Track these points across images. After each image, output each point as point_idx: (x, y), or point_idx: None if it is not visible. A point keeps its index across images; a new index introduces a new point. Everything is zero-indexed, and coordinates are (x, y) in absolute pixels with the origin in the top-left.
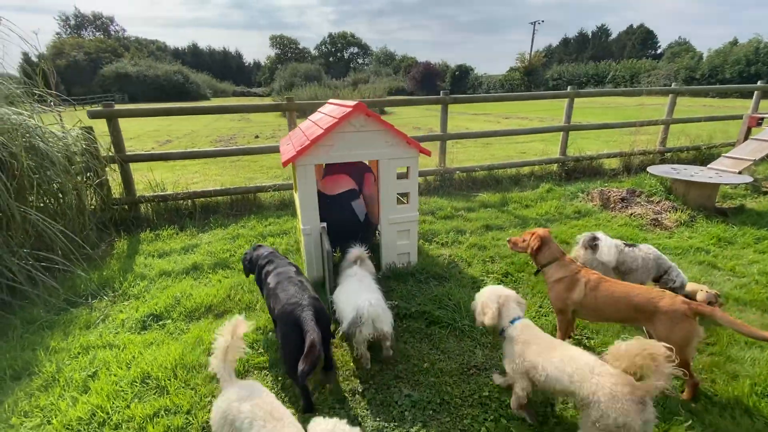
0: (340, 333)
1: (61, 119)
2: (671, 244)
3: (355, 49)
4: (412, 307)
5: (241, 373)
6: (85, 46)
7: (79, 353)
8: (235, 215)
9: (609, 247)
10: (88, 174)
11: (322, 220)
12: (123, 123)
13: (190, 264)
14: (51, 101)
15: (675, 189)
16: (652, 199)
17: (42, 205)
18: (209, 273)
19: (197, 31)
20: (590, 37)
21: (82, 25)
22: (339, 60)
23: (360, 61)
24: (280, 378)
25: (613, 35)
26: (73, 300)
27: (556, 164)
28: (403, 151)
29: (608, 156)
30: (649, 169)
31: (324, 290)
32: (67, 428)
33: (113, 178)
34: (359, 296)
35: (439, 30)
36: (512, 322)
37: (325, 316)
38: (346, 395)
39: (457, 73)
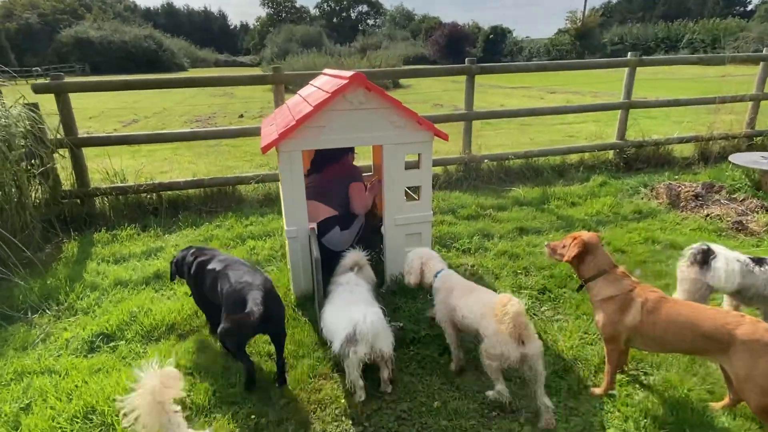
0: (331, 356)
1: (0, 95)
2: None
3: (365, 8)
4: (422, 330)
5: (208, 408)
6: (40, 7)
7: (11, 380)
8: (210, 212)
9: (729, 264)
10: (32, 161)
11: None
12: (79, 99)
13: (152, 272)
14: None
15: (765, 183)
16: (734, 196)
17: None
18: (174, 283)
19: None
20: None
21: None
22: (344, 21)
23: (371, 22)
24: (261, 411)
25: None
26: (9, 314)
27: (612, 151)
28: (413, 134)
29: (680, 141)
30: (732, 157)
31: (314, 306)
32: None
33: (63, 165)
34: (353, 309)
35: None
36: (436, 275)
37: (279, 304)
38: None
39: (491, 36)
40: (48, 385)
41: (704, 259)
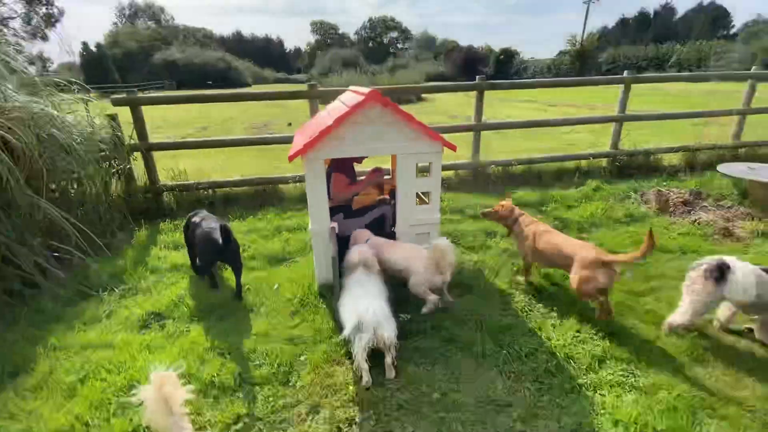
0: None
1: (87, 107)
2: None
3: (395, 34)
4: (427, 321)
5: (233, 389)
6: (138, 35)
7: (75, 353)
8: (254, 207)
9: (746, 277)
10: (112, 162)
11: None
12: (166, 110)
13: None
14: (76, 89)
15: (752, 192)
16: (721, 203)
17: (57, 194)
18: (219, 269)
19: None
20: (652, 16)
21: (135, 15)
22: (378, 45)
23: (400, 45)
24: (279, 393)
25: (680, 13)
26: (85, 292)
27: (606, 159)
28: (424, 145)
29: (668, 150)
30: (721, 167)
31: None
32: None
33: (137, 166)
34: (360, 302)
35: (483, 12)
36: (367, 241)
37: (234, 242)
38: (341, 425)
39: (501, 57)
40: (104, 359)
41: (720, 274)
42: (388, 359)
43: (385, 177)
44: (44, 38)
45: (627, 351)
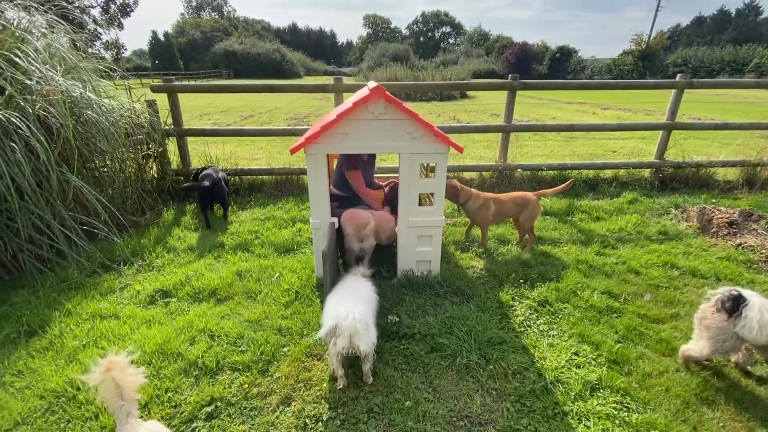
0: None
1: (130, 93)
2: None
3: (448, 29)
4: (417, 326)
5: (214, 371)
6: (202, 26)
7: (85, 319)
8: (277, 196)
9: (764, 315)
10: (149, 145)
11: None
12: (216, 98)
13: (218, 242)
14: (117, 74)
15: None
16: None
17: (91, 173)
18: (229, 254)
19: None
20: (733, 15)
21: (201, 6)
22: (430, 40)
23: (451, 41)
24: (256, 380)
25: (766, 13)
26: (108, 265)
27: (648, 169)
28: (429, 145)
29: (724, 165)
30: None
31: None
32: (41, 398)
33: (172, 151)
34: (343, 305)
35: (542, 7)
36: None
37: (221, 186)
38: (307, 421)
39: (557, 55)
40: (107, 329)
41: (734, 306)
42: (365, 368)
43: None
44: (120, 27)
45: (626, 381)
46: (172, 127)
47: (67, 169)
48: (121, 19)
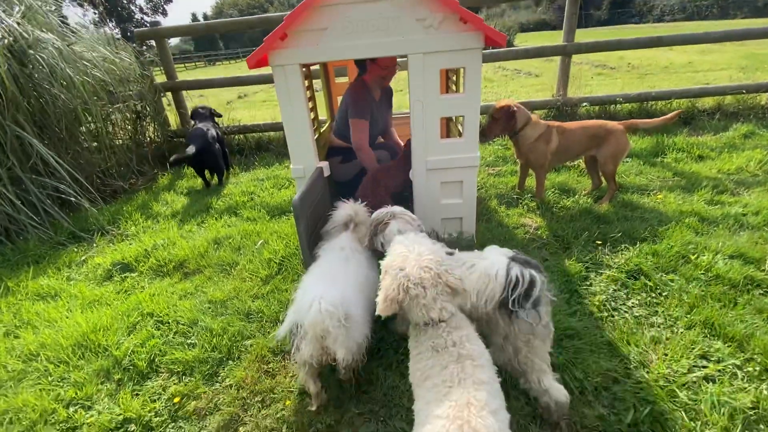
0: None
1: (116, 45)
2: None
3: None
4: None
5: (143, 375)
6: (239, 4)
7: (22, 299)
8: (286, 155)
9: None
10: (143, 103)
11: None
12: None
13: (205, 205)
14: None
15: None
16: None
17: (53, 132)
18: (214, 218)
19: None
20: None
21: None
22: None
23: None
24: (196, 390)
25: None
26: (80, 235)
27: (766, 94)
28: (451, 37)
29: None
30: None
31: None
32: None
33: (169, 110)
34: (314, 288)
35: None
36: None
37: (210, 152)
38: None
39: None
40: (42, 311)
41: None
42: (344, 377)
43: None
44: (164, 13)
45: None
46: (166, 79)
47: (27, 132)
48: (164, 5)
